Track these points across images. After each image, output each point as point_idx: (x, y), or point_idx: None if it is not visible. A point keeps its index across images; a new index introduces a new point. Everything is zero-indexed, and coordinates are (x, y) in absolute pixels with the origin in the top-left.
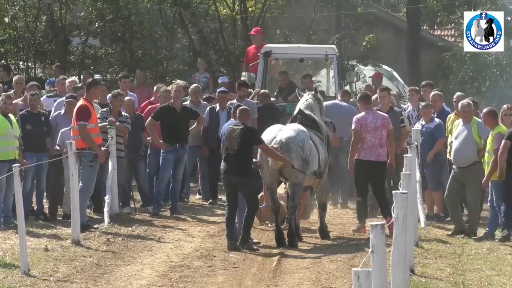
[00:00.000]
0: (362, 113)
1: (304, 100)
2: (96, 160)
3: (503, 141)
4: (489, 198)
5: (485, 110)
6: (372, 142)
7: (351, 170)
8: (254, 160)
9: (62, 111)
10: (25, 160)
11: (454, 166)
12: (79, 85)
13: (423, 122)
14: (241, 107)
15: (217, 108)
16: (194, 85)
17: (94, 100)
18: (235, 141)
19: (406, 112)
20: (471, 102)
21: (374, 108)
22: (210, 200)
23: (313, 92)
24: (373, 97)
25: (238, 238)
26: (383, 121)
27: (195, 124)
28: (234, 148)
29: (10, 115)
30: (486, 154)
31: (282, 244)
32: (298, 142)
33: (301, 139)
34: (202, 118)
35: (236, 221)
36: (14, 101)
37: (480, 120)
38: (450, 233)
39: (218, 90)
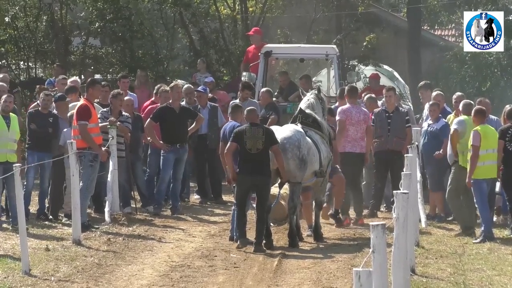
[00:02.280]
0: (347, 105)
1: (306, 100)
2: (96, 160)
3: (498, 141)
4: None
5: (475, 108)
6: (355, 135)
7: (337, 163)
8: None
9: (55, 112)
10: (27, 158)
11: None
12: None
13: (431, 121)
14: (249, 108)
15: (198, 107)
16: (186, 86)
17: (96, 100)
18: (260, 140)
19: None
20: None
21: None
22: (200, 199)
23: (316, 92)
24: (365, 96)
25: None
26: (365, 117)
27: (194, 124)
28: (258, 148)
29: (12, 115)
30: (469, 153)
31: (268, 241)
32: (293, 142)
33: (296, 139)
34: (200, 117)
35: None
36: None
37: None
38: (457, 233)
39: (197, 88)
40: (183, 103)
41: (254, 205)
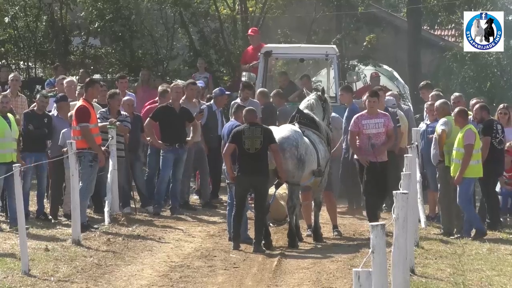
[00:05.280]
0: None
1: (306, 100)
2: (96, 160)
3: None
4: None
5: (456, 109)
6: None
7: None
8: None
9: (56, 112)
10: (25, 160)
11: None
12: (80, 85)
13: (428, 122)
14: (248, 108)
15: (214, 108)
16: (190, 80)
17: (94, 100)
18: (258, 140)
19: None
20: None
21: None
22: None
23: (319, 93)
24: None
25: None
26: None
27: (192, 131)
28: (256, 147)
29: (9, 115)
30: (454, 151)
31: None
32: (291, 141)
33: (294, 138)
34: (196, 123)
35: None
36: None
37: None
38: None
39: (216, 89)
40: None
41: (251, 205)
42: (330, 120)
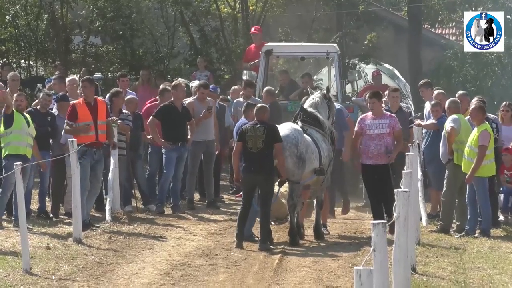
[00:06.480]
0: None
1: (311, 98)
2: (84, 157)
3: None
4: (466, 195)
5: (474, 106)
6: None
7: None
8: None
9: (56, 112)
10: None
11: None
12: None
13: (433, 120)
14: (259, 105)
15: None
16: (202, 81)
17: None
18: (260, 139)
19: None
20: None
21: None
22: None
23: (324, 92)
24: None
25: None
26: None
27: (189, 130)
28: (259, 146)
29: (25, 114)
30: (467, 149)
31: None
32: (291, 140)
33: (294, 137)
34: (193, 122)
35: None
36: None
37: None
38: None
39: (210, 87)
40: (191, 99)
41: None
42: (334, 119)
